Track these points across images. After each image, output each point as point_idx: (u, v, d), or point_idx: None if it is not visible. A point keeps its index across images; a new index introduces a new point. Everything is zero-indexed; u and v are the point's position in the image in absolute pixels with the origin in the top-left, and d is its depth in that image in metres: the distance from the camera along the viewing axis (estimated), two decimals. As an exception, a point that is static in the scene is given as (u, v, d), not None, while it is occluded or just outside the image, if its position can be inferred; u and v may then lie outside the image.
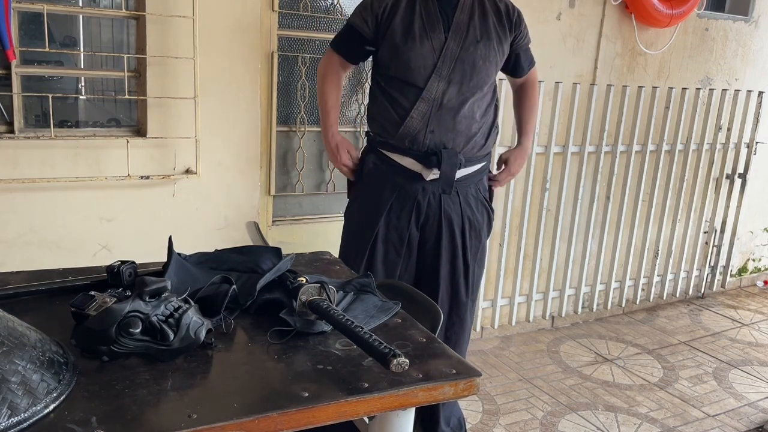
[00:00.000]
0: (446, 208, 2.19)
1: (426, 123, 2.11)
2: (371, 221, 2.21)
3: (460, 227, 2.22)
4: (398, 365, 1.10)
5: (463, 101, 2.11)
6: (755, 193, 4.40)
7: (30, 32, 2.29)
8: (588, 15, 3.42)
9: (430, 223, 2.20)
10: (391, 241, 2.21)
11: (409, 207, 2.18)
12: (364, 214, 2.24)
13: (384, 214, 2.19)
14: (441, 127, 2.11)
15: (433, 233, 2.21)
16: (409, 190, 2.17)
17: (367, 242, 2.21)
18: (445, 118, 2.11)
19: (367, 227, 2.21)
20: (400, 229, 2.20)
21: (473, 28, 2.11)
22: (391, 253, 2.22)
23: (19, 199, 2.30)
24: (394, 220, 2.20)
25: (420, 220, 2.20)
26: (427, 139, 2.12)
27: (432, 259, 2.24)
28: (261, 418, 1.01)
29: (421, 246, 2.24)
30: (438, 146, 2.12)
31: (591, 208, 3.59)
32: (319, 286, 1.32)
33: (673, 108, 3.69)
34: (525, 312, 3.60)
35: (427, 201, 2.18)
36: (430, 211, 2.19)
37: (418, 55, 2.08)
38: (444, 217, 2.19)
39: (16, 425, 0.91)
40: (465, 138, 2.14)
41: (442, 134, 2.12)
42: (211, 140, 2.55)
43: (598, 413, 2.87)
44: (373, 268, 2.20)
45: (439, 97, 2.09)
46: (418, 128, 2.12)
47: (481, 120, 2.17)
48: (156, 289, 1.17)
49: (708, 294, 4.43)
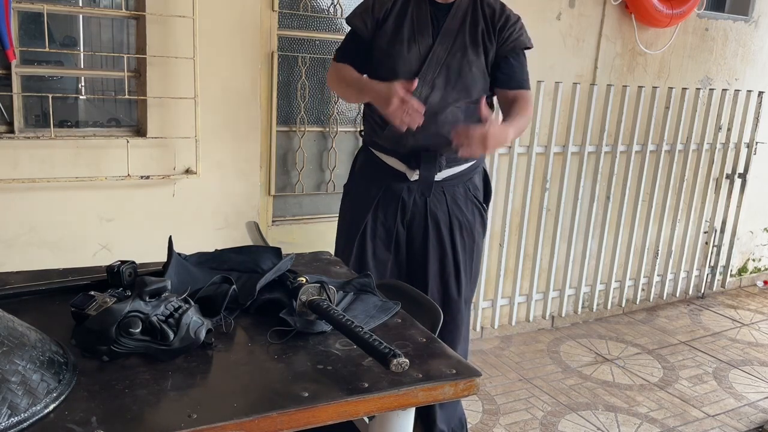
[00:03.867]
0: (432, 207, 2.20)
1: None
2: (359, 217, 2.24)
3: (447, 226, 2.22)
4: (398, 365, 1.10)
5: (445, 106, 2.11)
6: (755, 193, 4.40)
7: (30, 32, 2.29)
8: (588, 15, 3.42)
9: (416, 221, 2.22)
10: (380, 237, 2.24)
11: (394, 205, 2.20)
12: (353, 210, 2.27)
13: (371, 211, 2.22)
14: (423, 130, 2.10)
15: (420, 232, 2.22)
16: (395, 189, 2.19)
17: (354, 237, 2.23)
18: (428, 121, 2.09)
19: (355, 222, 2.24)
20: (388, 225, 2.22)
21: (462, 34, 2.10)
22: (380, 249, 2.25)
23: (19, 199, 2.30)
24: (381, 216, 2.22)
25: (406, 217, 2.21)
26: (409, 141, 2.13)
27: (421, 257, 2.25)
28: (261, 418, 1.01)
29: (409, 244, 2.25)
30: (420, 149, 2.13)
31: (591, 208, 3.59)
32: (319, 286, 1.32)
33: (673, 108, 3.69)
34: (525, 312, 3.60)
35: (412, 200, 2.19)
36: (416, 210, 2.20)
37: (404, 59, 2.08)
38: (430, 215, 2.20)
39: (16, 425, 0.91)
40: (447, 142, 2.14)
41: (424, 137, 2.12)
42: (211, 140, 2.55)
43: (598, 413, 2.87)
44: (364, 263, 2.22)
45: (422, 101, 2.09)
46: (400, 131, 2.13)
47: (466, 123, 2.16)
48: (156, 289, 1.17)
49: (708, 294, 4.43)
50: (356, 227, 2.24)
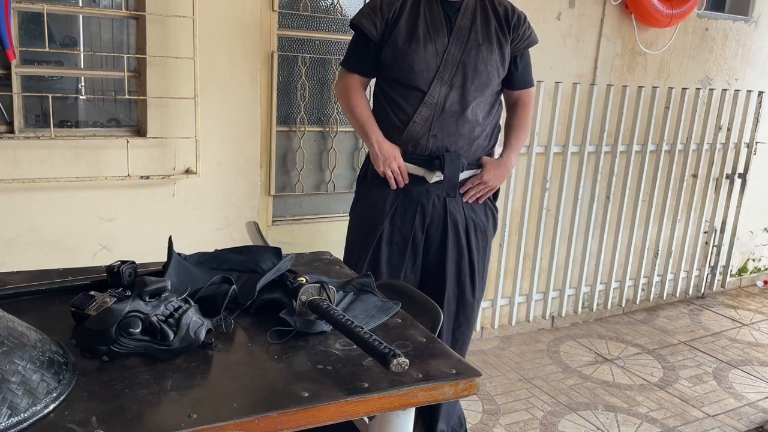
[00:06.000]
0: (451, 210, 2.20)
1: (429, 128, 2.12)
2: (375, 224, 2.21)
3: (464, 228, 2.22)
4: (398, 365, 1.10)
5: (465, 105, 2.11)
6: (755, 193, 4.40)
7: (30, 32, 2.28)
8: (588, 15, 3.42)
9: (435, 225, 2.20)
10: (396, 243, 2.22)
11: (413, 210, 2.19)
12: (368, 217, 2.25)
13: (389, 217, 2.20)
14: (444, 131, 2.12)
15: (438, 235, 2.21)
16: (413, 194, 2.18)
17: (370, 244, 2.21)
18: (448, 122, 2.11)
19: (371, 229, 2.22)
20: (405, 231, 2.20)
21: (475, 31, 2.11)
22: (395, 255, 2.23)
23: (19, 199, 2.30)
24: (399, 222, 2.21)
25: (425, 222, 2.20)
26: (430, 143, 2.13)
27: (438, 260, 2.24)
28: (261, 418, 1.01)
29: (426, 248, 2.24)
30: (441, 150, 2.13)
31: (591, 208, 3.59)
32: (319, 286, 1.32)
33: (673, 108, 3.69)
34: (525, 312, 3.60)
35: (431, 204, 2.18)
36: (435, 214, 2.19)
37: (422, 58, 2.08)
38: (449, 218, 2.20)
39: (16, 425, 0.91)
40: (468, 141, 2.15)
41: (444, 138, 2.12)
42: (211, 140, 2.55)
43: (598, 413, 2.87)
44: (377, 269, 2.20)
45: (441, 101, 2.10)
46: (420, 133, 2.13)
47: (484, 122, 2.17)
48: (156, 289, 1.17)
49: (708, 294, 4.43)
50: (372, 235, 2.21)
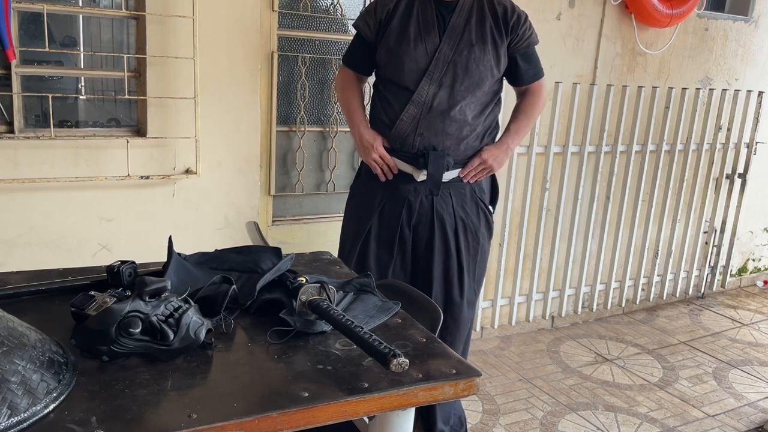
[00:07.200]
0: (438, 209, 2.20)
1: (416, 126, 2.14)
2: (364, 219, 2.25)
3: (453, 228, 2.22)
4: (398, 365, 1.10)
5: (453, 104, 2.12)
6: (755, 193, 4.40)
7: (30, 32, 2.28)
8: (588, 15, 3.42)
9: (423, 223, 2.22)
10: (383, 239, 2.24)
11: (400, 207, 2.20)
12: (359, 212, 2.29)
13: (377, 213, 2.23)
14: (430, 130, 2.13)
15: (426, 233, 2.23)
16: (401, 191, 2.20)
17: (358, 239, 2.25)
18: (435, 121, 2.12)
19: (360, 225, 2.25)
20: (392, 228, 2.22)
21: (469, 31, 2.12)
22: (382, 251, 2.25)
23: (19, 199, 2.30)
24: (386, 219, 2.23)
25: (412, 220, 2.21)
26: (417, 141, 2.14)
27: (425, 259, 2.25)
28: (261, 418, 1.01)
29: (414, 246, 2.25)
30: (428, 148, 2.15)
31: (591, 208, 3.59)
32: (319, 286, 1.32)
33: (673, 108, 3.69)
34: (525, 312, 3.60)
35: (419, 201, 2.20)
36: (422, 212, 2.20)
37: (411, 58, 2.10)
38: (436, 217, 2.21)
39: (16, 425, 0.91)
40: (455, 140, 2.15)
41: (431, 137, 2.13)
42: (211, 140, 2.55)
43: (598, 413, 2.87)
44: (365, 264, 2.23)
45: (429, 100, 2.11)
46: (407, 131, 2.15)
47: (474, 122, 2.17)
48: (156, 289, 1.17)
49: (708, 294, 4.43)
50: (361, 230, 2.24)
